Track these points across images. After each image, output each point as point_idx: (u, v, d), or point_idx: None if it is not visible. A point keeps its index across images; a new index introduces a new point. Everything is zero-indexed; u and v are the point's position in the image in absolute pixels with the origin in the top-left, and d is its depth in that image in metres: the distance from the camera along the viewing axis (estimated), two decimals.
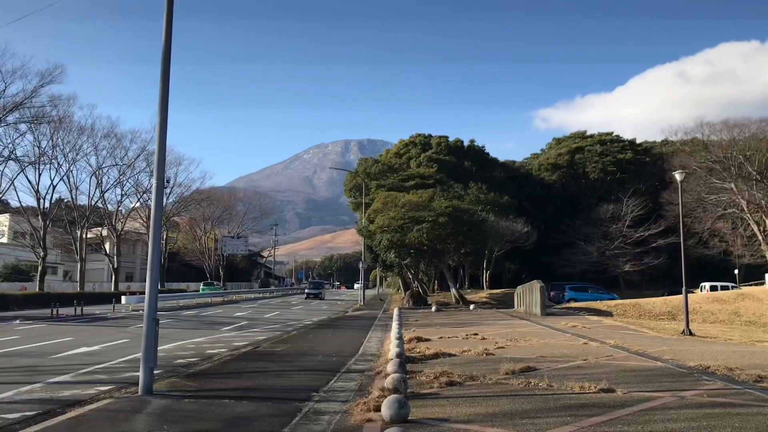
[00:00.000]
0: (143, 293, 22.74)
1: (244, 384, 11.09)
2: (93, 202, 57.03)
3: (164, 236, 72.16)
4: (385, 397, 8.34)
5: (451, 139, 78.18)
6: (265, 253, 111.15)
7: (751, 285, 55.08)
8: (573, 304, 41.35)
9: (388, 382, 9.74)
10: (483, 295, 55.42)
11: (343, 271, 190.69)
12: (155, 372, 10.28)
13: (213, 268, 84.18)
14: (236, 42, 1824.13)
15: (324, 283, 67.56)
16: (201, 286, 70.63)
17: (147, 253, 11.94)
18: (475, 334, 20.42)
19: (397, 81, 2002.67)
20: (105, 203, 59.94)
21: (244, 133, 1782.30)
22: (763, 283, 52.73)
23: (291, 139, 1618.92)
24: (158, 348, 10.38)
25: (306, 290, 69.18)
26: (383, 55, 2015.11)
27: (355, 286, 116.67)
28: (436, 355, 14.71)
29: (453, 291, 49.35)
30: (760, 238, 51.56)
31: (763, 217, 51.13)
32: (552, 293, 46.67)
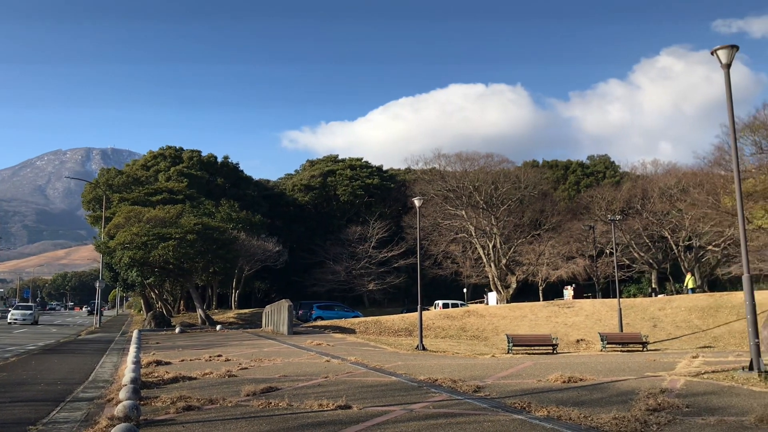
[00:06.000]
0: None
1: None
2: None
3: None
4: (114, 426, 7.75)
5: (204, 153, 76.07)
6: None
7: (476, 302, 61.24)
8: (320, 323, 42.38)
9: (118, 409, 9.09)
10: (231, 315, 54.48)
11: (79, 290, 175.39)
12: None
13: None
14: None
15: None
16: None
17: None
18: (219, 356, 19.96)
19: (143, 85, 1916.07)
20: None
21: None
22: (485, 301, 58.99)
23: (21, 142, 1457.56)
24: None
25: None
26: (131, 54, 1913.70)
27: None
28: (175, 379, 14.09)
29: (199, 311, 47.79)
30: (484, 260, 57.67)
31: (488, 241, 57.32)
32: (300, 312, 47.47)
